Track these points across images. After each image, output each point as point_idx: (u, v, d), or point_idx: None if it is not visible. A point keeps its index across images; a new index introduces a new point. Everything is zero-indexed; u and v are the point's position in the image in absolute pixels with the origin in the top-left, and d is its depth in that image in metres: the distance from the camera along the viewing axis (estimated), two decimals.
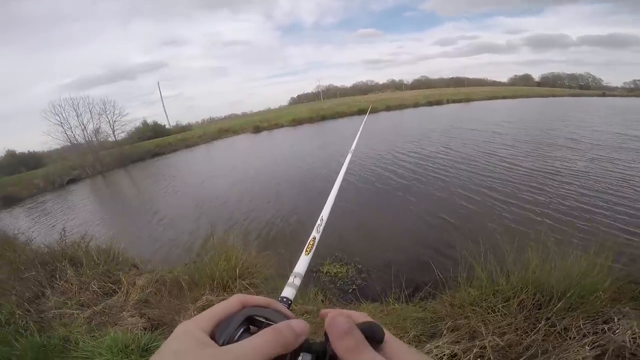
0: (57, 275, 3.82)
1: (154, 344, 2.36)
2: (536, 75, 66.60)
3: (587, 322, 2.11)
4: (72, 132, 27.99)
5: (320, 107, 38.48)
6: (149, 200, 12.35)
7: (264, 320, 0.39)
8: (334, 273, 4.79)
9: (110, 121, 31.35)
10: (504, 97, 38.82)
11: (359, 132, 2.06)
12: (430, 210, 6.67)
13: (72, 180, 20.82)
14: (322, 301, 3.61)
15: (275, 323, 0.37)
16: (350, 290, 4.36)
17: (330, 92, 72.81)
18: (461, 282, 2.86)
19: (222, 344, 0.34)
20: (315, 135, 24.02)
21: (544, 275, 2.42)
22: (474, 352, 1.99)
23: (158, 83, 57.37)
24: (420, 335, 2.50)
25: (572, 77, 62.80)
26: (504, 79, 69.48)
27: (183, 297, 3.41)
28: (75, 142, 27.80)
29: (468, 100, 36.69)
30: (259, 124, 32.93)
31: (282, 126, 31.87)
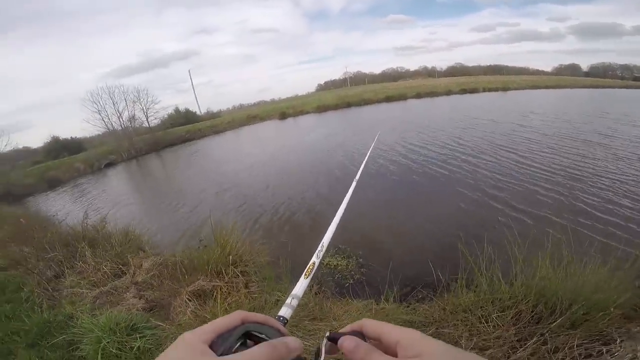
0: (77, 256, 4.20)
1: (143, 324, 2.59)
2: (584, 65, 61.08)
3: (584, 341, 1.90)
4: (109, 119, 29.88)
5: (346, 94, 37.95)
6: (173, 185, 13.06)
7: (261, 335, 0.42)
8: (334, 265, 4.78)
9: (144, 108, 33.13)
10: (547, 87, 35.93)
11: (364, 161, 1.92)
12: (437, 209, 6.48)
13: (109, 164, 22.36)
14: (317, 294, 3.62)
15: (271, 339, 0.41)
16: (347, 284, 4.32)
17: (358, 79, 71.17)
18: (459, 285, 2.69)
19: (220, 355, 0.36)
20: (334, 123, 23.83)
21: (551, 286, 2.20)
22: None
23: (189, 71, 59.04)
24: None
25: (626, 67, 56.43)
26: (548, 68, 64.07)
27: (182, 280, 3.64)
28: (112, 128, 29.65)
29: (505, 89, 34.48)
30: (285, 110, 33.34)
31: (308, 113, 31.95)
